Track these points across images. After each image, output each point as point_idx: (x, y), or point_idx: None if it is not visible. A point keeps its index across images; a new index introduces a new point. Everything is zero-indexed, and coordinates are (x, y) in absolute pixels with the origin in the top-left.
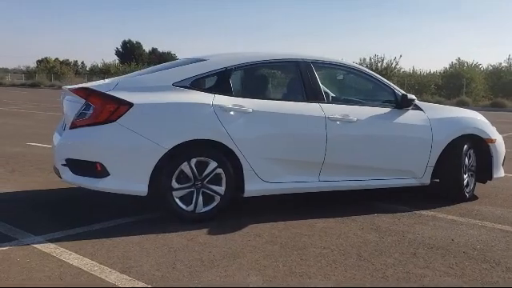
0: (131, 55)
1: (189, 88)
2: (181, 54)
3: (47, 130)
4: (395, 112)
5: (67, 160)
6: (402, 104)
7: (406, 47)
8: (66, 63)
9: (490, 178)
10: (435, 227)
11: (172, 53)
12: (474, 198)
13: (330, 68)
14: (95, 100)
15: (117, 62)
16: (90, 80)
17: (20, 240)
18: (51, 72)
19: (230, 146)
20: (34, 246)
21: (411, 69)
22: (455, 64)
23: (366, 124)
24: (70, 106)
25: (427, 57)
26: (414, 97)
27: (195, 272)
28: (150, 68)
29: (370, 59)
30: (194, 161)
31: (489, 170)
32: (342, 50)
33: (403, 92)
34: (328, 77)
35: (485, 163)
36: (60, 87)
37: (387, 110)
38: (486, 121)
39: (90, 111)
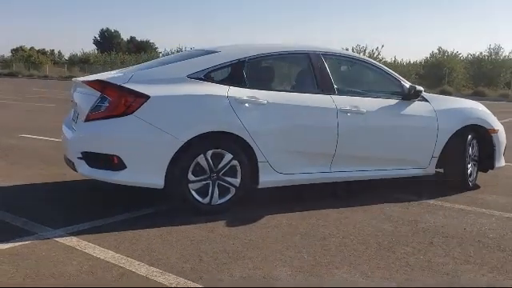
0: (110, 44)
1: (203, 80)
2: (160, 43)
3: (39, 122)
4: (402, 103)
5: (83, 153)
6: (410, 95)
7: (388, 37)
8: (42, 52)
9: (492, 167)
10: (445, 216)
11: (151, 41)
12: (476, 186)
13: (338, 59)
14: (111, 92)
15: (96, 51)
16: (70, 69)
17: (40, 234)
18: (28, 61)
19: (245, 138)
20: (56, 239)
21: (393, 58)
22: (436, 53)
23: (375, 115)
24: (83, 98)
25: (409, 47)
26: (421, 88)
27: (222, 264)
28: (161, 60)
29: (353, 49)
30: (209, 153)
31: (491, 159)
32: (326, 38)
33: (410, 84)
34: (337, 68)
35: (487, 153)
36: (45, 77)
37: (395, 101)
38: (488, 111)
39: (106, 104)
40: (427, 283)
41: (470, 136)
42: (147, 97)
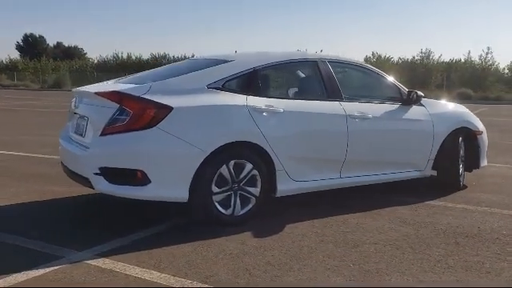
0: (34, 50)
1: (221, 90)
2: (89, 49)
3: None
4: (402, 108)
5: (102, 169)
6: (411, 100)
7: (326, 42)
8: None
9: (478, 166)
10: (454, 216)
11: (79, 47)
12: (464, 186)
13: (343, 66)
14: (132, 105)
15: (19, 57)
16: None
17: (68, 257)
18: None
19: (264, 147)
20: (88, 262)
21: None
22: (370, 57)
23: (380, 120)
24: (95, 110)
25: (346, 51)
26: (422, 94)
27: (275, 276)
28: (170, 68)
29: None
30: (232, 163)
31: (476, 159)
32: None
33: (409, 89)
34: (342, 75)
35: (473, 153)
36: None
37: (395, 106)
38: (473, 114)
39: (126, 116)
40: (428, 283)
41: (460, 138)
42: (170, 108)
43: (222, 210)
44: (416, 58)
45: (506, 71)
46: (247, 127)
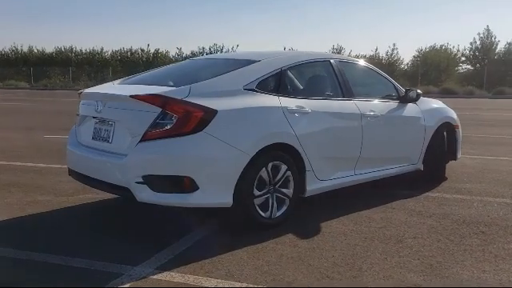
0: None
1: (256, 91)
2: None
3: None
4: (401, 106)
5: (146, 177)
6: (410, 98)
7: (267, 39)
8: None
9: (455, 158)
10: (460, 207)
11: None
12: (445, 177)
13: (351, 66)
14: (177, 108)
15: None
16: None
17: (128, 274)
18: None
19: (297, 148)
20: (155, 277)
21: None
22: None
23: (385, 118)
24: (130, 115)
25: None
26: (421, 91)
27: (351, 277)
28: (181, 67)
29: (210, 48)
30: (270, 166)
31: (454, 151)
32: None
33: (407, 87)
34: (351, 74)
35: (451, 146)
36: None
37: (395, 104)
38: (451, 109)
39: (170, 121)
40: (428, 284)
41: (444, 132)
42: (215, 112)
43: (262, 213)
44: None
45: (406, 67)
46: (284, 129)
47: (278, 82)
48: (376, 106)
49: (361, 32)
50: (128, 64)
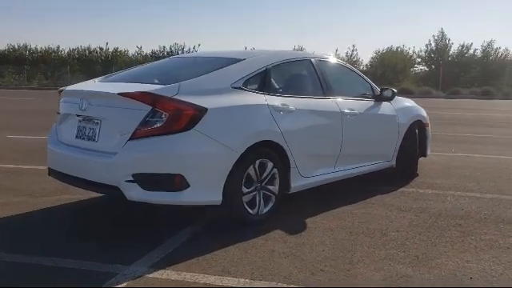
0: None
1: (242, 89)
2: None
3: None
4: (377, 104)
5: (136, 175)
6: (386, 97)
7: (207, 36)
8: None
9: (425, 155)
10: (435, 201)
11: None
12: (416, 174)
13: (329, 65)
14: (167, 106)
15: None
16: None
17: (123, 273)
18: None
19: (283, 146)
20: (151, 276)
21: None
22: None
23: (362, 116)
24: (118, 113)
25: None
26: (396, 90)
27: (344, 270)
28: (163, 65)
29: (171, 47)
30: (257, 163)
31: (424, 148)
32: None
33: (383, 87)
34: (330, 73)
35: (421, 143)
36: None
37: (371, 102)
38: (421, 107)
39: (160, 119)
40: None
41: (416, 130)
42: (205, 110)
43: (250, 210)
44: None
45: (365, 68)
46: (271, 126)
47: (263, 81)
48: (354, 104)
49: (321, 33)
50: (86, 63)
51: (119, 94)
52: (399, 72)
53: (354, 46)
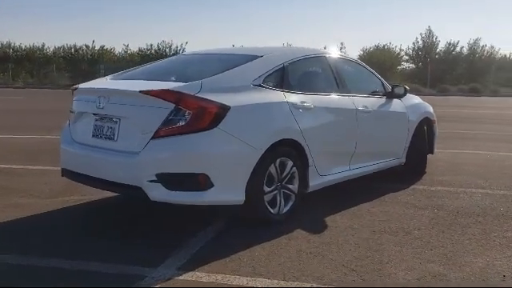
0: None
1: (262, 86)
2: None
3: None
4: (388, 101)
5: (160, 175)
6: (398, 94)
7: (189, 33)
8: None
9: (432, 152)
10: (449, 198)
11: None
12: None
13: (343, 62)
14: (191, 104)
15: None
16: None
17: (152, 276)
18: None
19: (302, 144)
20: (181, 278)
21: None
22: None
23: (375, 113)
24: (139, 111)
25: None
26: (408, 88)
27: (376, 269)
28: (176, 61)
29: (158, 45)
30: (278, 162)
31: (431, 145)
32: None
33: (395, 84)
34: (345, 70)
35: (429, 140)
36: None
37: (383, 100)
38: (429, 104)
39: (184, 117)
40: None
41: (425, 127)
42: (228, 108)
43: (271, 210)
44: None
45: None
46: (291, 124)
47: (282, 78)
48: (368, 101)
49: (309, 30)
50: (72, 61)
51: (141, 91)
52: (387, 70)
53: (342, 43)
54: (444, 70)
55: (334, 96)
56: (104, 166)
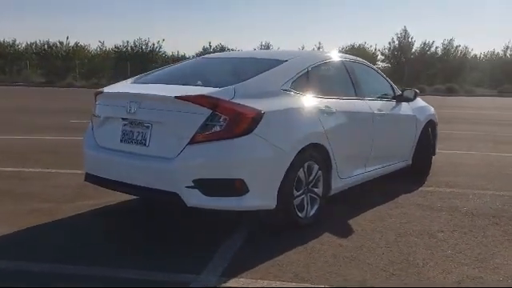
0: None
1: (290, 91)
2: None
3: None
4: (398, 104)
5: (197, 181)
6: (407, 98)
7: (169, 32)
8: None
9: (434, 153)
10: (460, 200)
11: None
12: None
13: (358, 66)
14: (228, 110)
15: None
16: None
17: (196, 284)
18: None
19: (327, 148)
20: (227, 285)
21: (175, 52)
22: (207, 48)
23: (389, 116)
24: (174, 116)
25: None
26: (418, 91)
27: (416, 273)
28: (196, 65)
29: (134, 42)
30: (306, 166)
31: (434, 147)
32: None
33: (404, 87)
34: (359, 74)
35: (433, 142)
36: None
37: (394, 103)
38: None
39: (220, 123)
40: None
41: (430, 129)
42: (263, 113)
43: (299, 213)
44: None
45: None
46: (318, 129)
47: (307, 82)
48: (381, 105)
49: (285, 31)
50: (46, 57)
51: (176, 97)
52: None
53: (320, 43)
54: (419, 70)
55: (352, 100)
56: (136, 172)
